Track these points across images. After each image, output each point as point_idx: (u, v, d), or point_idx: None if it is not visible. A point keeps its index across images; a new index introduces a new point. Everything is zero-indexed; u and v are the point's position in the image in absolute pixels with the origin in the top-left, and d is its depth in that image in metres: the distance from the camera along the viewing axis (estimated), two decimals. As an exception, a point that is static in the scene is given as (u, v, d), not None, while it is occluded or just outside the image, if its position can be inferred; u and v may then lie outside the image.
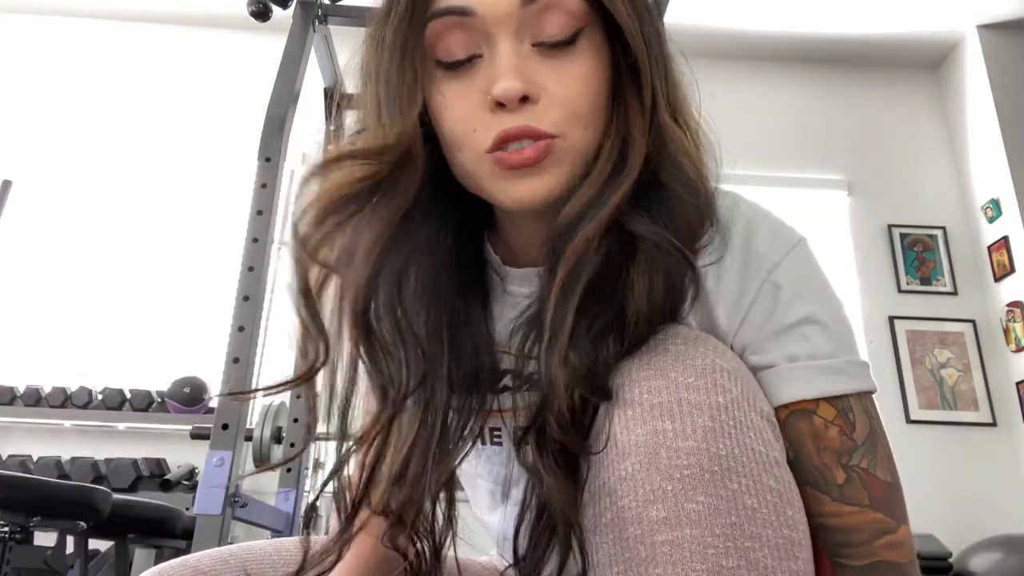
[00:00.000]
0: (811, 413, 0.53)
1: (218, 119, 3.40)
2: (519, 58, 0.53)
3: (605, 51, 0.56)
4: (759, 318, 0.55)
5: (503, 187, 0.55)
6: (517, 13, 0.53)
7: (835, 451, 0.53)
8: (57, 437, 2.90)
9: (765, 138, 3.53)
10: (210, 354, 2.48)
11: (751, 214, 0.58)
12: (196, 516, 1.41)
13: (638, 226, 0.53)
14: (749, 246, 0.56)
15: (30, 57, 3.56)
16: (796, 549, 0.47)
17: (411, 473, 0.55)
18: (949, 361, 3.20)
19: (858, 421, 0.54)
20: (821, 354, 0.54)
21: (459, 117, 0.55)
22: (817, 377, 0.53)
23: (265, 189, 1.68)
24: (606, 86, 0.56)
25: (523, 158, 0.53)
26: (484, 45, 0.54)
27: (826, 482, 0.52)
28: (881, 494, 0.53)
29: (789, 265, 0.56)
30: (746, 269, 0.56)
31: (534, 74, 0.53)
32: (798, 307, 0.55)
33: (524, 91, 0.52)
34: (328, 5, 1.98)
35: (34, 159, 3.32)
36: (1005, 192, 3.24)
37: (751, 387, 0.51)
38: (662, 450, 0.46)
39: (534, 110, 0.53)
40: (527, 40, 0.54)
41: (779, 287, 0.55)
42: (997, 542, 2.64)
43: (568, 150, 0.54)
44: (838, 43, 3.63)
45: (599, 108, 0.55)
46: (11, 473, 1.69)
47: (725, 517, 0.45)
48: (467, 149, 0.55)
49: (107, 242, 3.21)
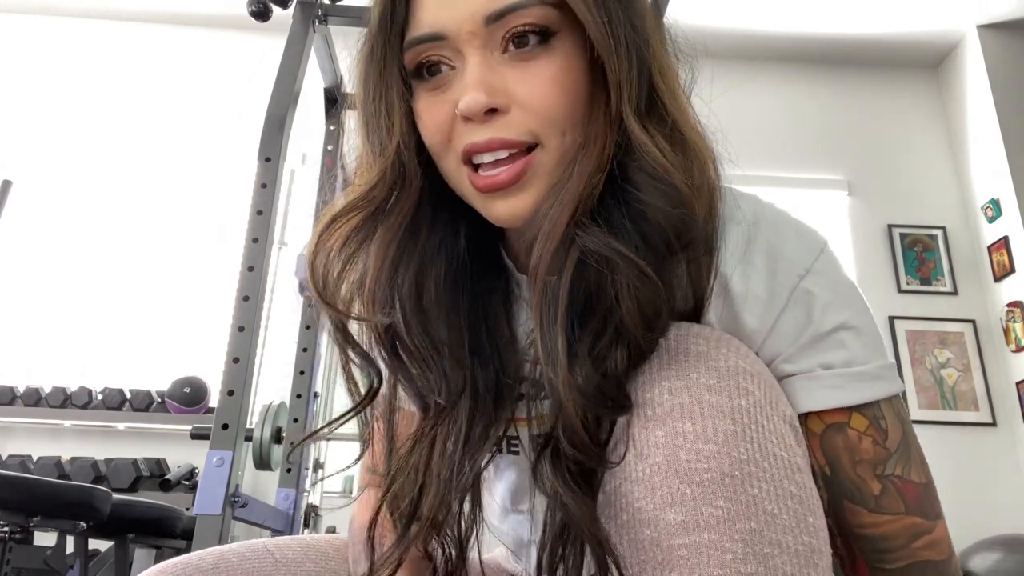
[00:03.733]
0: (845, 427, 0.53)
1: (218, 119, 3.40)
2: (487, 70, 0.52)
3: (581, 55, 0.54)
4: (792, 326, 0.54)
5: (483, 204, 0.55)
6: (483, 31, 0.52)
7: (869, 463, 0.52)
8: (57, 437, 2.90)
9: (765, 138, 3.53)
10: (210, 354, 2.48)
11: (775, 217, 0.57)
12: (196, 516, 1.41)
13: (590, 241, 0.50)
14: (776, 251, 0.55)
15: (30, 57, 3.56)
16: (816, 556, 0.46)
17: (442, 477, 0.55)
18: (949, 361, 3.20)
19: (890, 427, 0.53)
20: (857, 360, 0.53)
21: (435, 129, 0.55)
22: (852, 384, 0.53)
23: (265, 189, 1.67)
24: (584, 91, 0.54)
25: (495, 183, 0.52)
26: (456, 60, 0.54)
27: (862, 495, 0.52)
28: (916, 498, 0.53)
29: (819, 270, 0.55)
30: (774, 274, 0.54)
31: (504, 83, 0.52)
32: (833, 314, 0.54)
33: (488, 103, 0.51)
34: (328, 5, 1.98)
35: (34, 159, 3.32)
36: (1005, 192, 3.24)
37: (774, 391, 0.50)
38: (681, 452, 0.45)
39: (503, 120, 0.52)
40: (496, 51, 0.53)
41: (812, 294, 0.54)
42: (997, 542, 2.64)
43: (547, 161, 0.53)
44: (838, 43, 3.63)
45: (577, 113, 0.53)
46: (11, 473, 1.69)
47: (744, 522, 0.44)
48: (445, 160, 0.55)
49: (107, 242, 3.21)
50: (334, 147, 2.32)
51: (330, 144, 2.34)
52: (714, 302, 0.55)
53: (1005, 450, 3.08)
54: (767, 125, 3.56)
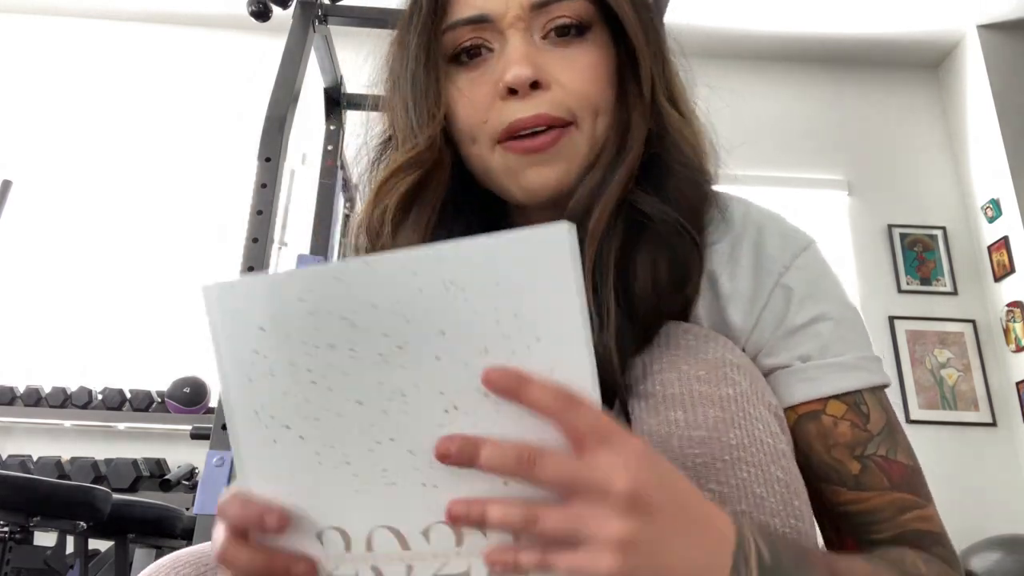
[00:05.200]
0: (819, 414, 0.54)
1: (218, 119, 3.40)
2: (530, 48, 0.56)
3: (609, 47, 0.58)
4: (771, 321, 0.56)
5: (514, 178, 0.57)
6: (527, 15, 0.56)
7: (846, 445, 0.53)
8: (57, 437, 2.90)
9: (765, 138, 3.52)
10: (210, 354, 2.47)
11: (762, 219, 0.60)
12: (196, 516, 1.41)
13: (645, 204, 0.55)
14: (761, 250, 0.57)
15: (30, 57, 3.56)
16: (803, 539, 0.48)
17: None
18: (949, 361, 3.20)
19: (872, 413, 0.54)
20: (833, 351, 0.55)
21: (472, 108, 0.57)
22: (830, 375, 0.54)
23: (265, 189, 1.67)
24: (613, 79, 0.58)
25: (536, 143, 0.55)
26: (495, 41, 0.57)
27: (840, 475, 0.53)
28: (902, 477, 0.53)
29: (799, 266, 0.57)
30: (758, 273, 0.57)
31: (544, 63, 0.56)
32: (809, 307, 0.56)
33: (534, 76, 0.54)
34: (328, 5, 1.98)
35: (34, 159, 3.32)
36: (1005, 192, 3.24)
37: (759, 382, 0.52)
38: (674, 439, 0.47)
39: (546, 96, 0.55)
40: (538, 35, 0.57)
41: (790, 290, 0.56)
42: (997, 542, 2.64)
43: (581, 140, 0.56)
44: (838, 43, 3.63)
45: (608, 99, 0.58)
46: (11, 473, 1.69)
47: (735, 505, 0.46)
48: (479, 141, 0.58)
49: (107, 242, 3.21)
50: (334, 147, 2.32)
51: (330, 144, 2.34)
52: (703, 301, 0.57)
53: (1005, 450, 3.07)
54: (767, 125, 3.56)
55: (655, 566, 0.34)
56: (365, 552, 0.38)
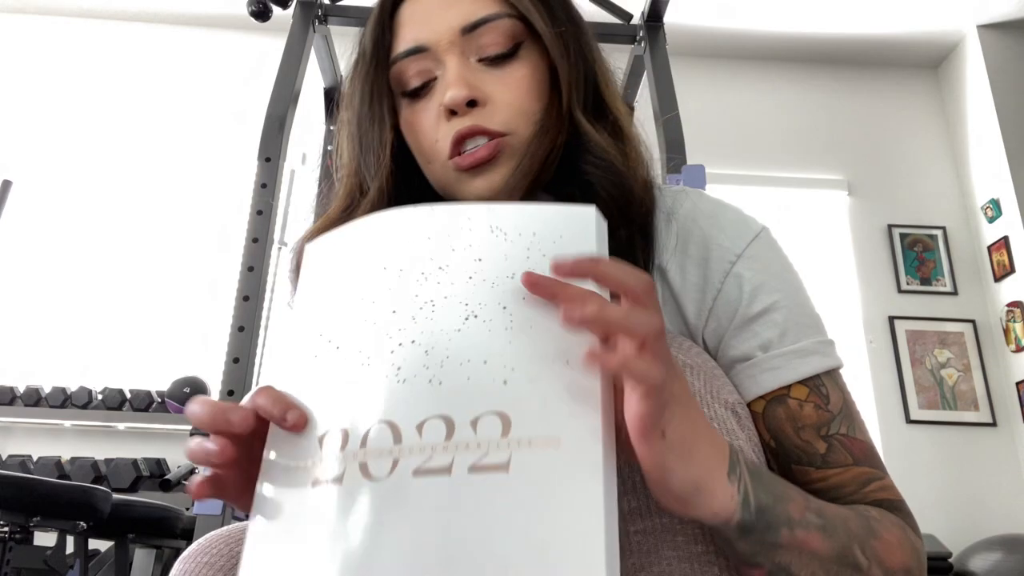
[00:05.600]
0: (785, 398, 0.56)
1: (218, 119, 3.40)
2: (465, 70, 0.60)
3: (541, 61, 0.63)
4: (726, 310, 0.58)
5: (464, 188, 0.61)
6: (459, 40, 0.61)
7: (812, 426, 0.55)
8: (57, 437, 2.90)
9: (765, 138, 3.52)
10: (210, 354, 2.48)
11: (711, 208, 0.62)
12: (196, 516, 1.41)
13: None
14: (711, 240, 0.59)
15: (30, 57, 3.56)
16: None
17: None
18: (949, 361, 3.20)
19: (831, 393, 0.56)
20: (791, 339, 0.57)
21: (423, 132, 0.62)
22: (791, 362, 0.56)
23: (265, 189, 1.68)
24: (547, 90, 0.63)
25: (476, 157, 0.59)
26: (437, 69, 0.62)
27: (808, 456, 0.55)
28: (863, 452, 0.56)
29: (751, 255, 0.59)
30: (708, 263, 0.59)
31: (480, 83, 0.60)
32: (763, 296, 0.58)
33: (469, 95, 0.59)
34: (328, 5, 1.98)
35: (34, 159, 3.32)
36: (1005, 192, 3.24)
37: (715, 381, 0.54)
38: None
39: (482, 112, 0.60)
40: (472, 57, 0.62)
41: (742, 277, 0.58)
42: (997, 542, 2.64)
43: (518, 146, 0.60)
44: (838, 43, 3.63)
45: (542, 108, 0.62)
46: (11, 473, 1.69)
47: None
48: (433, 160, 0.62)
49: (107, 242, 3.21)
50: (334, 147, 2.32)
51: (330, 144, 2.34)
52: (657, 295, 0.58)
53: (1005, 450, 3.07)
54: (767, 125, 3.56)
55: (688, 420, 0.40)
56: (358, 449, 0.41)
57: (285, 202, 2.98)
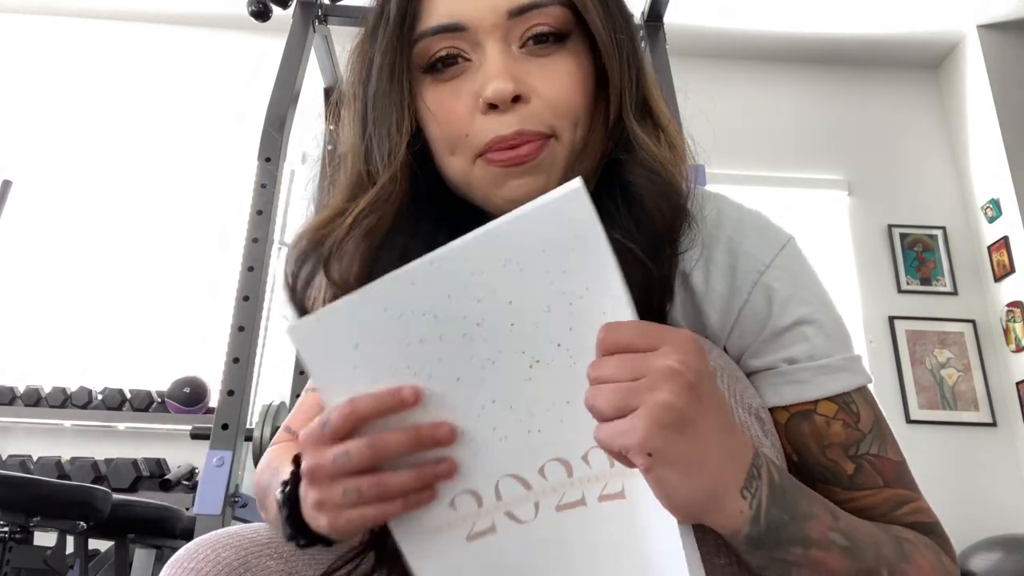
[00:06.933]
0: (811, 413, 0.54)
1: (218, 119, 3.40)
2: (509, 60, 0.54)
3: (587, 59, 0.57)
4: (753, 321, 0.56)
5: (496, 189, 0.55)
6: (504, 23, 0.54)
7: (841, 445, 0.53)
8: (57, 437, 2.90)
9: (765, 138, 3.52)
10: (210, 354, 2.48)
11: (738, 214, 0.59)
12: (196, 516, 1.41)
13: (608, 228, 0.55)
14: (738, 247, 0.57)
15: (30, 57, 3.56)
16: None
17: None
18: (949, 361, 3.20)
19: (862, 411, 0.54)
20: (820, 354, 0.55)
21: (450, 122, 0.55)
22: (818, 378, 0.54)
23: (265, 189, 1.68)
24: (590, 87, 0.57)
25: (519, 154, 0.53)
26: (473, 52, 0.55)
27: (835, 476, 0.53)
28: (895, 473, 0.54)
29: (780, 265, 0.56)
30: (735, 270, 0.56)
31: (523, 75, 0.54)
32: (793, 309, 0.55)
33: (515, 91, 0.52)
34: (328, 5, 1.98)
35: (34, 159, 3.32)
36: (1005, 192, 3.24)
37: (738, 384, 0.52)
38: None
39: (526, 109, 0.53)
40: (514, 44, 0.55)
41: (771, 288, 0.56)
42: (997, 542, 2.64)
43: (560, 152, 0.55)
44: (838, 43, 3.63)
45: (587, 110, 0.56)
46: (11, 473, 1.69)
47: None
48: (459, 153, 0.56)
49: (107, 242, 3.21)
50: (334, 147, 2.32)
51: (330, 144, 2.34)
52: (678, 302, 0.57)
53: (1005, 450, 3.07)
54: (767, 125, 3.56)
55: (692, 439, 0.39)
56: (496, 502, 0.44)
57: (285, 202, 2.98)
